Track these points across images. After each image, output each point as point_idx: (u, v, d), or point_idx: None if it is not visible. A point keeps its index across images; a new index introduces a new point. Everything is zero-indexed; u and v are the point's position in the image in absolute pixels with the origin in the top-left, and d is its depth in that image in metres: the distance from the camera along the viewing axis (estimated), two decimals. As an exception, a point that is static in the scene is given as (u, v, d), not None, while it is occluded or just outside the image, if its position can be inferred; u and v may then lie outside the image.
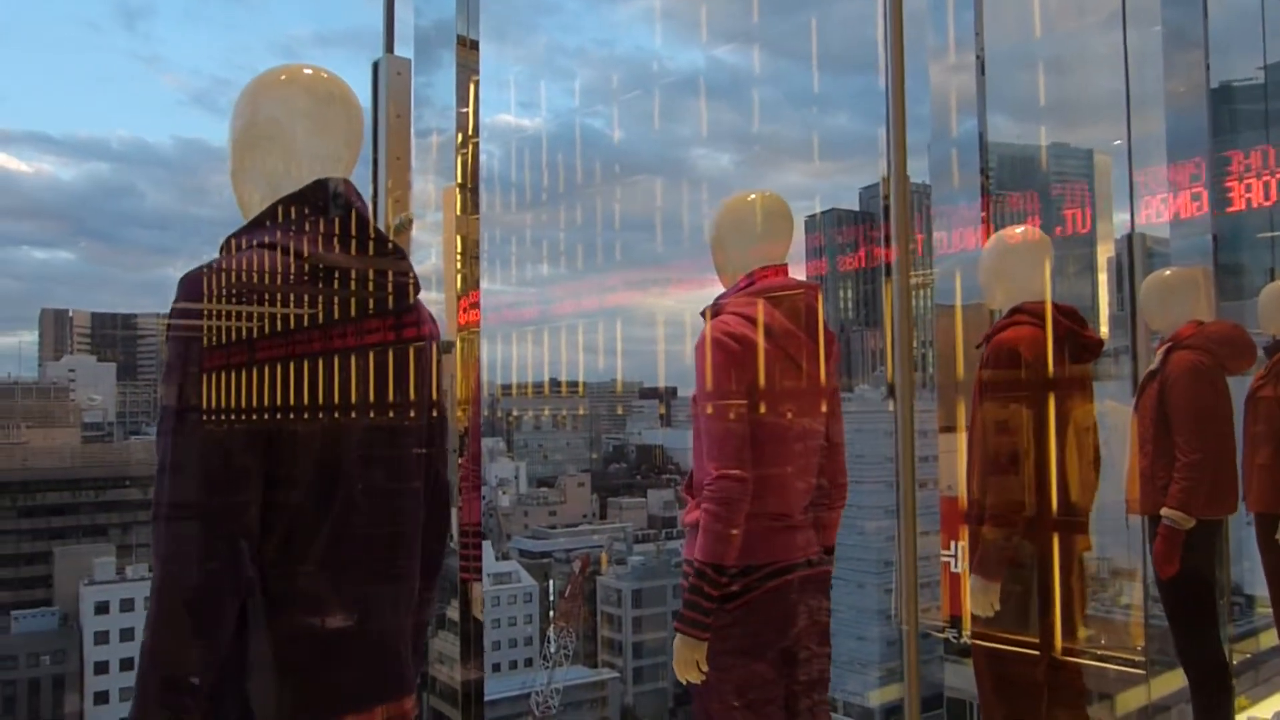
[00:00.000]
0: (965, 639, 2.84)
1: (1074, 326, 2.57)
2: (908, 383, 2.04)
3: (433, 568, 1.58)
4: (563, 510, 64.79)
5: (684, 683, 2.03)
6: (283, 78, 1.39)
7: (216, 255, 1.31)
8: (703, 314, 2.10)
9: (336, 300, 1.25)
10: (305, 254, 1.27)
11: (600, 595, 55.74)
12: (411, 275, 1.40)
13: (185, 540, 1.22)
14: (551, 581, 52.18)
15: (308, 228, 1.30)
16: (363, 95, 2.05)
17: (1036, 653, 2.55)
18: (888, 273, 2.57)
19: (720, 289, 2.19)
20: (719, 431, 1.99)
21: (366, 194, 1.84)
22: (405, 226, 1.90)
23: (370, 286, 1.30)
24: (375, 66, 2.02)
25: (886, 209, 2.76)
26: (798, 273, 2.17)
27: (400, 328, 1.36)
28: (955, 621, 3.22)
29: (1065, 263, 2.76)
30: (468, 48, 1.77)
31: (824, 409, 2.17)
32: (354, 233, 1.30)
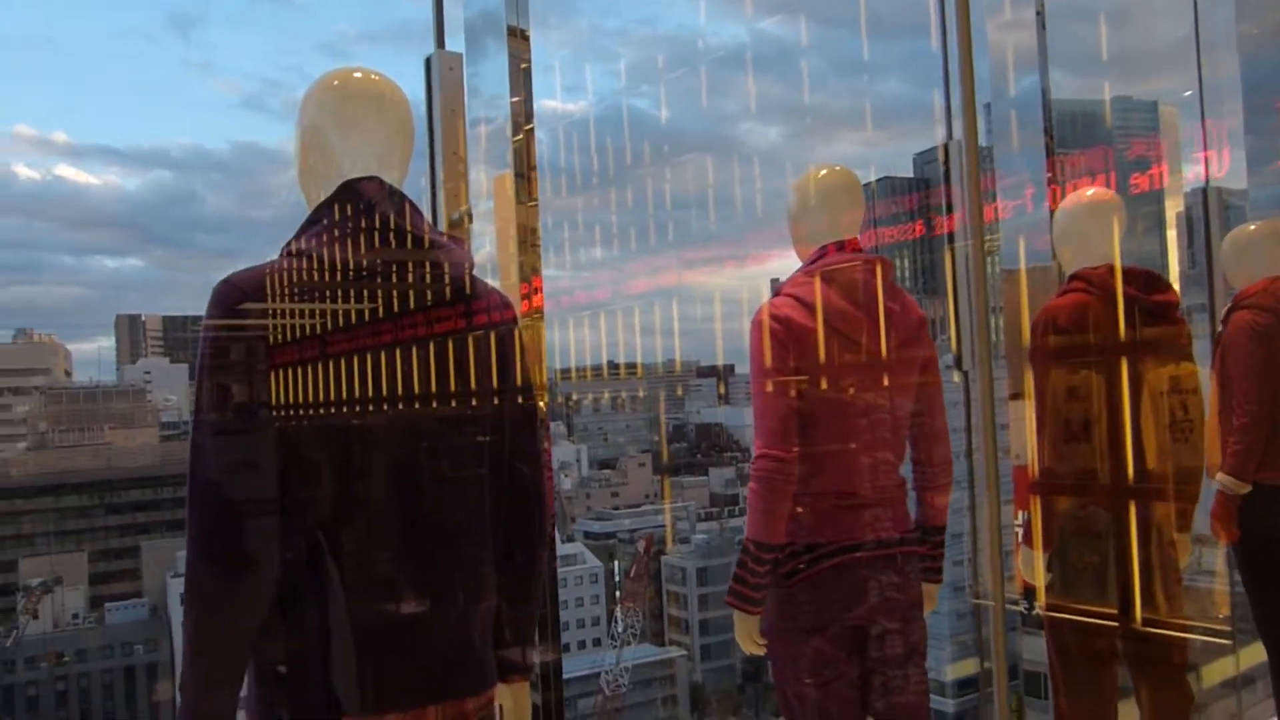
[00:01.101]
0: (1037, 610, 2.79)
1: (1136, 292, 2.49)
2: (985, 351, 2.00)
3: (523, 562, 1.52)
4: (624, 491, 65.10)
5: (747, 656, 2.06)
6: (334, 82, 1.41)
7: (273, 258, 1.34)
8: None
9: (356, 298, 1.27)
10: (325, 259, 1.29)
11: (665, 574, 55.96)
12: (466, 265, 1.39)
13: (233, 537, 1.28)
14: (616, 562, 52.52)
15: (331, 233, 1.32)
16: (416, 91, 2.08)
17: (1107, 624, 2.50)
18: (950, 239, 2.52)
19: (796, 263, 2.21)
20: (762, 411, 2.02)
21: (422, 190, 1.83)
22: (462, 221, 1.92)
23: (402, 281, 1.31)
24: (428, 63, 2.03)
25: (947, 174, 2.69)
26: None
27: (454, 318, 1.35)
28: (1029, 593, 3.17)
29: (1133, 221, 2.67)
30: (518, 38, 1.75)
31: (887, 383, 2.12)
32: (376, 229, 1.30)
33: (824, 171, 2.20)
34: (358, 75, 1.42)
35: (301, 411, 1.25)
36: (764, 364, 2.02)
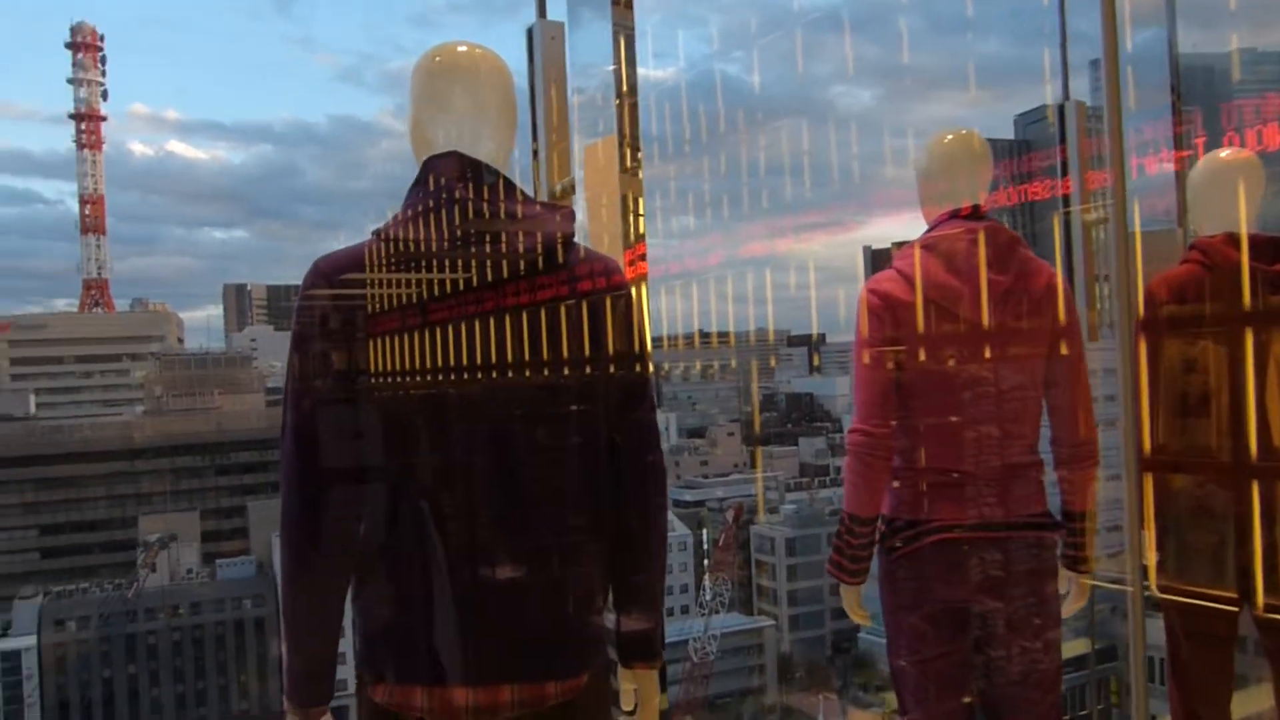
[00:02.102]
0: (1150, 590, 2.68)
1: (1256, 261, 2.34)
2: (1125, 322, 1.90)
3: (629, 536, 1.44)
4: (713, 460, 65.12)
5: (839, 628, 2.05)
6: (434, 58, 1.40)
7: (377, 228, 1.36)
8: None
9: (428, 274, 1.29)
10: (402, 238, 1.32)
11: (754, 544, 55.89)
12: (559, 234, 1.34)
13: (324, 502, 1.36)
14: (705, 531, 52.67)
15: (408, 212, 1.35)
16: (518, 62, 2.06)
17: (1225, 608, 2.38)
18: (1066, 203, 2.40)
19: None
20: (858, 385, 2.04)
21: (516, 160, 1.83)
22: (567, 191, 1.90)
23: (481, 254, 1.31)
24: (529, 33, 2.02)
25: (1062, 135, 2.56)
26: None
27: (539, 287, 1.32)
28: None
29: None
30: (622, 6, 1.72)
31: (993, 355, 2.03)
32: (453, 204, 1.31)
33: (948, 136, 2.15)
34: (450, 51, 1.40)
35: (380, 383, 1.30)
36: (862, 337, 2.02)
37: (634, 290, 1.30)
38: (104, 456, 57.14)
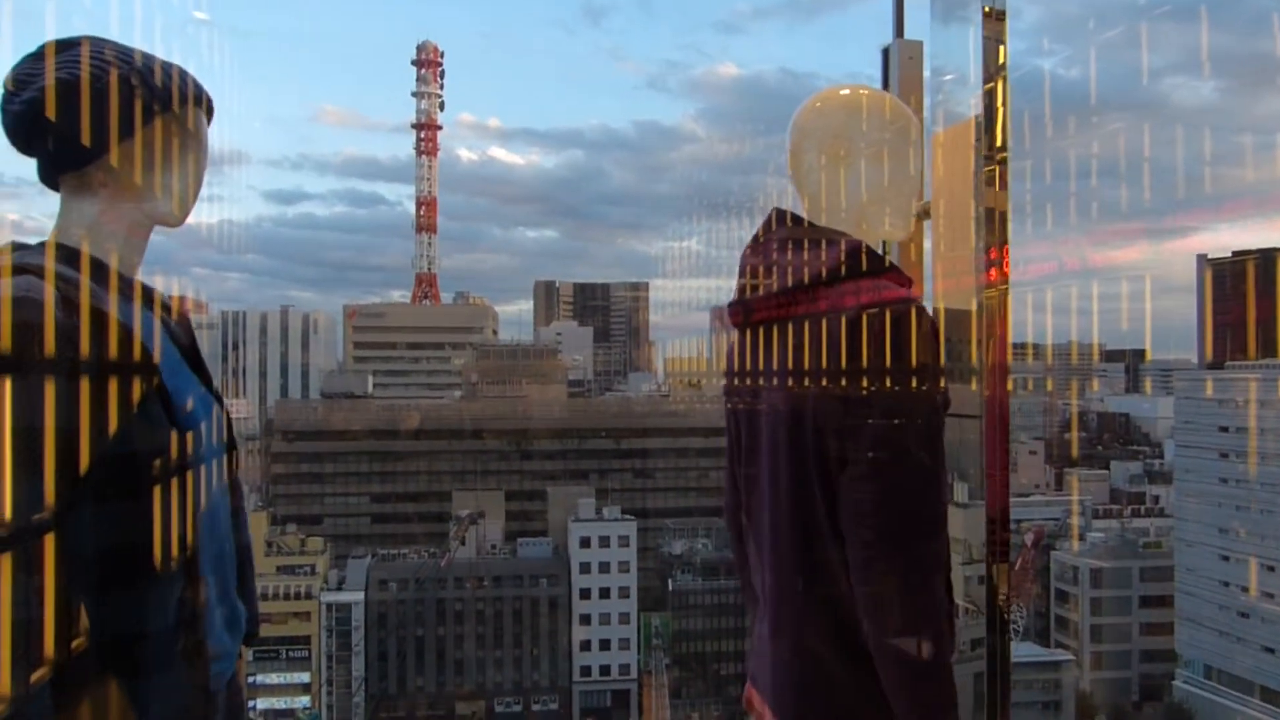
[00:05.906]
0: None
1: None
2: None
3: (878, 585, 1.21)
4: (1013, 479, 60.93)
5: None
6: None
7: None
8: None
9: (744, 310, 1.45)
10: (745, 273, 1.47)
11: (1054, 571, 51.91)
12: (841, 260, 1.31)
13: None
14: (1000, 553, 49.65)
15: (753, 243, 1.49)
16: (874, 81, 2.04)
17: None
18: None
19: None
20: None
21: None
22: (922, 215, 1.86)
23: (756, 289, 1.43)
24: (885, 53, 1.99)
25: None
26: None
27: (807, 301, 1.33)
28: None
29: None
30: (994, 18, 1.63)
31: None
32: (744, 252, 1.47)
33: None
34: (817, 93, 1.48)
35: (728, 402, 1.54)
36: None
37: (919, 310, 1.22)
38: (427, 434, 63.36)
